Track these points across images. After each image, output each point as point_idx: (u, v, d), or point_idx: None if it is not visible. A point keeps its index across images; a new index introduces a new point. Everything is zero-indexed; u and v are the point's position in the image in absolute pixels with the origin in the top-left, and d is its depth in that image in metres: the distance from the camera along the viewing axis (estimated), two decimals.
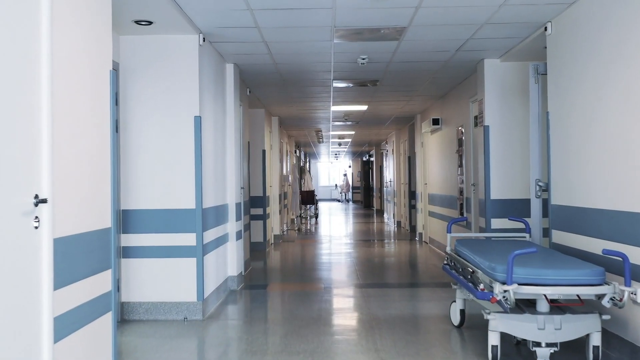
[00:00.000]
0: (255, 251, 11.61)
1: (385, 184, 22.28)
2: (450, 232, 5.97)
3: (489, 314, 4.35)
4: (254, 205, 11.75)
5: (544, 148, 6.29)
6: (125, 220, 6.15)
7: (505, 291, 4.12)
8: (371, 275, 9.15)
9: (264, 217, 12.12)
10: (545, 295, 4.19)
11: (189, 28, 6.00)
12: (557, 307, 4.38)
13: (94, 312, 3.50)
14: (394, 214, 18.81)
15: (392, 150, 18.99)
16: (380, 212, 24.54)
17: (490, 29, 6.30)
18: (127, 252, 6.16)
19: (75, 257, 3.27)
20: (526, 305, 4.52)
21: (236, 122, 8.09)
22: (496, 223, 7.79)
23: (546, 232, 6.45)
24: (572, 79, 5.50)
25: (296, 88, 9.99)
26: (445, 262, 5.86)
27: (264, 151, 12.21)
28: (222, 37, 6.53)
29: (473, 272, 4.75)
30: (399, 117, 14.54)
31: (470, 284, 4.79)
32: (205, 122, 6.55)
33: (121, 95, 6.18)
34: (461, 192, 9.79)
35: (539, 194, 6.20)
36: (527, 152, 7.78)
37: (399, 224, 17.83)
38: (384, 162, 22.73)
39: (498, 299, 4.16)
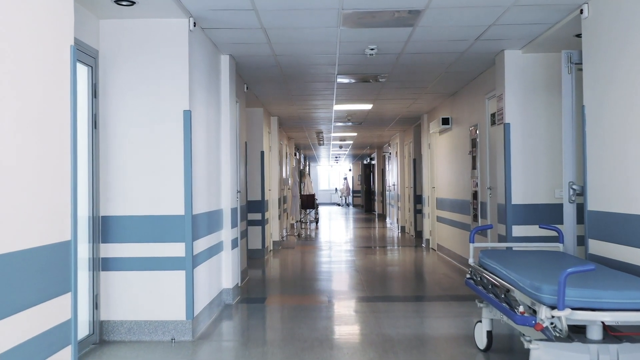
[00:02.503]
0: (253, 259, 10.88)
1: (387, 188, 21.56)
2: (473, 242, 5.25)
3: (529, 342, 3.63)
4: (251, 210, 11.03)
5: (579, 146, 5.59)
6: (105, 228, 5.43)
7: (553, 317, 3.40)
8: (378, 286, 8.43)
9: (262, 223, 11.40)
10: (602, 322, 3.47)
11: (177, 10, 5.28)
12: (612, 334, 3.67)
13: (46, 349, 2.77)
14: (397, 219, 18.09)
15: (396, 152, 18.26)
16: (383, 217, 23.80)
17: (517, 12, 5.59)
18: (107, 264, 5.44)
19: (14, 281, 2.54)
20: (572, 331, 3.81)
21: (232, 119, 7.38)
22: (518, 230, 7.08)
23: (580, 241, 5.75)
24: (612, 68, 4.79)
25: (297, 84, 9.28)
26: (469, 275, 5.14)
27: (262, 152, 11.50)
28: (216, 22, 5.82)
29: (508, 290, 4.03)
30: (405, 117, 13.83)
31: (504, 304, 4.07)
32: (196, 117, 5.84)
33: (101, 86, 5.46)
34: (475, 196, 9.07)
35: (573, 198, 5.49)
36: (551, 151, 7.08)
37: (402, 229, 17.10)
38: (387, 165, 22.02)
39: (544, 325, 3.44)
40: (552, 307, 3.44)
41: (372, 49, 6.91)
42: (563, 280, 3.27)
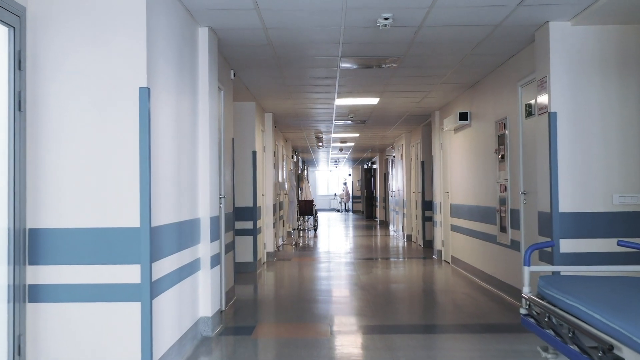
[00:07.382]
0: (242, 274, 9.47)
1: (391, 193, 20.16)
2: (529, 265, 3.87)
3: None
4: (240, 217, 9.63)
5: None
6: (33, 245, 4.04)
7: None
8: (389, 310, 7.02)
9: (254, 232, 9.99)
10: None
11: None
12: None
13: None
14: (402, 227, 16.68)
15: (401, 155, 16.86)
16: (385, 224, 22.38)
17: None
18: (36, 294, 4.04)
19: None
20: None
21: (213, 109, 6.00)
22: (566, 245, 5.70)
23: None
24: None
25: (294, 70, 7.90)
26: (526, 312, 3.76)
27: (254, 153, 10.11)
28: None
29: (611, 348, 2.64)
30: (413, 114, 12.45)
31: None
32: (159, 99, 4.46)
33: (29, 55, 4.07)
34: (503, 202, 7.69)
35: None
36: (609, 147, 5.74)
37: (409, 238, 15.70)
38: (390, 169, 20.63)
39: None
40: None
41: (386, 19, 5.53)
42: None
